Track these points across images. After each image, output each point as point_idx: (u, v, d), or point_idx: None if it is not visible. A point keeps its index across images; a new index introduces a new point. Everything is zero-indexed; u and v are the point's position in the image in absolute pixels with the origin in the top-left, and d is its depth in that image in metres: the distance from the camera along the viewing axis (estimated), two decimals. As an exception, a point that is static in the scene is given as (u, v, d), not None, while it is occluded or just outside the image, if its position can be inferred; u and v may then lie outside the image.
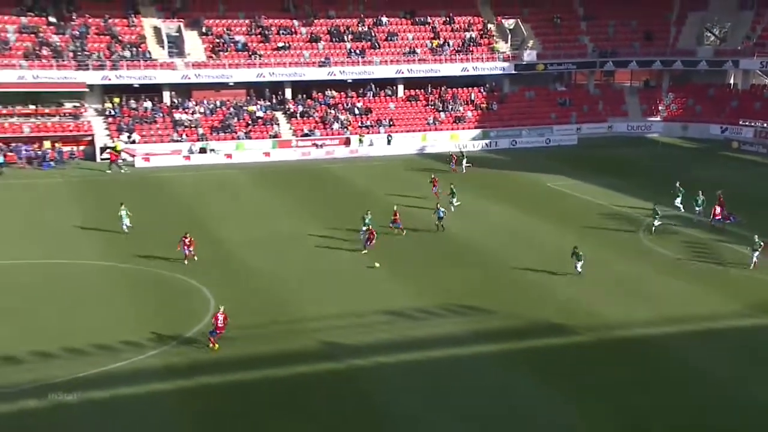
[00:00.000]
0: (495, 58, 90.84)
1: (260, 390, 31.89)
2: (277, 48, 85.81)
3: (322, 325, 37.49)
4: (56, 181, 67.97)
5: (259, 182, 67.81)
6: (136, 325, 37.47)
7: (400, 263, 46.14)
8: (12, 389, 31.50)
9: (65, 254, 47.64)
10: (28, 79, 76.46)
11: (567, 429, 29.21)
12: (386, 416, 30.02)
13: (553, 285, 42.75)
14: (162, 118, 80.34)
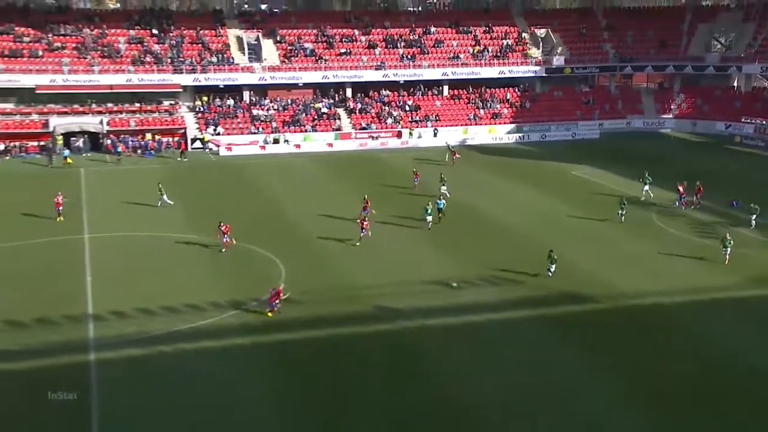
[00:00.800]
0: (528, 63, 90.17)
1: (323, 345, 32.41)
2: (339, 54, 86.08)
3: (376, 292, 37.77)
4: (155, 167, 69.17)
5: (323, 168, 68.35)
6: (219, 288, 38.08)
7: (440, 240, 46.31)
8: (119, 340, 32.41)
9: (162, 228, 48.43)
10: (134, 82, 77.93)
11: (583, 383, 29.33)
12: (428, 369, 30.39)
13: (574, 259, 42.65)
14: (242, 114, 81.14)
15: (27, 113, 75.22)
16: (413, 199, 55.26)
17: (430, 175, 60.54)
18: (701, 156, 75.22)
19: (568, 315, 35.71)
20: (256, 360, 30.96)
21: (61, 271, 40.65)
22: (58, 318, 34.51)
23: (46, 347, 31.73)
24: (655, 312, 35.81)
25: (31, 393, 28.17)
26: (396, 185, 60.59)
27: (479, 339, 32.90)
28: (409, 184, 59.48)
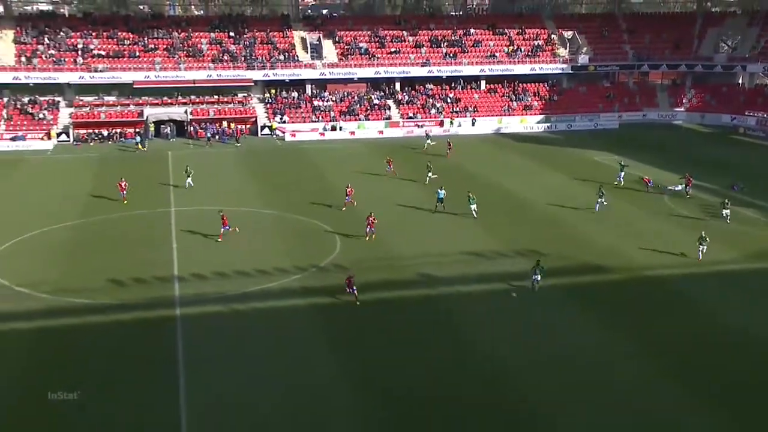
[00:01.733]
0: (556, 61, 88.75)
1: (372, 306, 32.63)
2: (390, 52, 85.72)
3: (419, 261, 37.83)
4: (230, 151, 69.92)
5: (374, 153, 68.40)
6: (284, 256, 38.52)
7: (477, 218, 46.20)
8: (199, 298, 33.09)
9: (236, 203, 48.98)
10: (213, 77, 78.66)
11: (596, 344, 29.13)
12: (463, 331, 30.52)
13: (594, 236, 42.30)
14: (305, 105, 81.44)
15: (126, 104, 76.60)
16: (451, 182, 55.17)
17: (443, 164, 60.09)
18: (708, 145, 73.63)
19: (588, 284, 35.47)
20: (314, 318, 31.39)
21: (152, 239, 41.54)
22: (150, 278, 35.33)
23: (141, 303, 32.56)
24: (667, 282, 35.39)
25: (127, 343, 28.95)
26: (439, 168, 60.42)
27: (508, 304, 32.85)
28: (444, 165, 59.21)
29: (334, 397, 25.09)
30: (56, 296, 33.08)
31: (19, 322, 30.53)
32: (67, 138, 73.11)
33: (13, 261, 37.68)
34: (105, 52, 77.97)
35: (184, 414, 23.76)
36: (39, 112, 74.34)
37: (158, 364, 27.03)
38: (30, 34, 78.36)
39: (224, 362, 27.30)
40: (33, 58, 75.72)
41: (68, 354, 27.89)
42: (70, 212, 46.63)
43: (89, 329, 30.18)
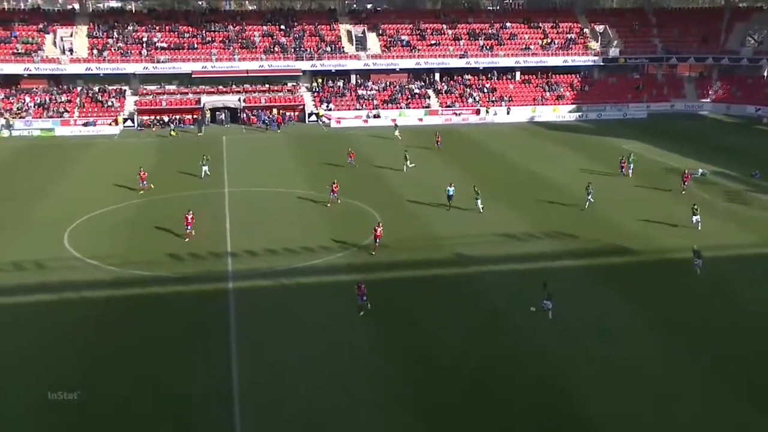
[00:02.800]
0: (588, 54, 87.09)
1: (409, 283, 32.77)
2: (430, 44, 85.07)
3: (453, 242, 37.73)
4: (280, 136, 70.37)
5: (414, 139, 68.20)
6: (329, 234, 38.68)
7: (509, 200, 45.89)
8: (251, 273, 33.46)
9: (285, 185, 49.35)
10: (265, 67, 78.93)
11: (624, 324, 28.80)
12: (494, 307, 30.45)
13: (621, 219, 41.70)
14: (349, 94, 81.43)
15: (185, 93, 77.49)
16: (487, 167, 54.93)
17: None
18: (732, 134, 71.67)
19: (615, 265, 34.98)
20: (356, 293, 31.47)
21: (208, 217, 42.11)
22: (205, 254, 35.86)
23: (196, 276, 33.12)
24: (689, 264, 34.81)
25: (183, 314, 29.52)
26: (474, 153, 60.26)
27: (538, 284, 32.58)
28: (480, 152, 58.82)
29: (372, 366, 25.26)
30: (122, 268, 33.82)
31: (90, 291, 31.34)
32: (132, 124, 74.40)
33: (84, 236, 38.61)
34: (167, 45, 78.89)
35: (236, 381, 24.14)
36: (108, 100, 75.76)
37: (211, 334, 27.44)
38: (101, 29, 79.64)
39: (272, 333, 27.60)
40: (103, 50, 77.03)
41: (131, 322, 28.53)
42: (133, 192, 47.52)
43: (150, 299, 30.78)
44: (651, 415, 22.44)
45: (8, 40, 75.55)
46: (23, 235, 38.45)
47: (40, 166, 55.83)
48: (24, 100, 73.68)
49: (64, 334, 27.37)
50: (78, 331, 27.62)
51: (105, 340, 26.97)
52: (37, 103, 73.63)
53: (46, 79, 76.83)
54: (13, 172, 54.12)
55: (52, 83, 77.13)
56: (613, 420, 22.22)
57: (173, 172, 52.40)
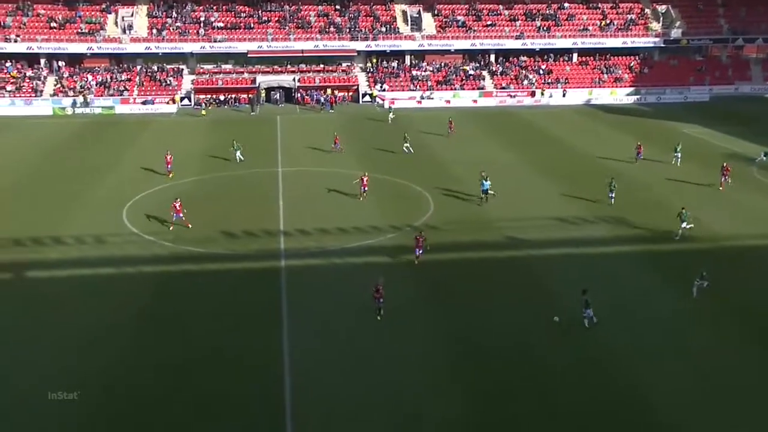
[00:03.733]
0: (648, 35, 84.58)
1: (461, 265, 32.63)
2: (486, 25, 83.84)
3: (506, 225, 37.38)
4: (333, 116, 70.62)
5: (469, 120, 67.62)
6: (381, 215, 38.72)
7: (562, 182, 45.12)
8: (302, 252, 33.80)
9: (338, 165, 49.51)
10: (320, 47, 79.02)
11: (675, 309, 28.20)
12: (549, 290, 30.11)
13: (678, 204, 40.53)
14: (403, 74, 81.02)
15: (240, 72, 78.34)
16: (540, 148, 54.16)
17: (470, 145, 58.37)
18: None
19: (670, 252, 34.13)
20: (406, 273, 31.55)
21: (261, 195, 42.62)
22: (258, 231, 36.35)
23: (249, 254, 33.62)
24: (746, 252, 33.71)
25: (236, 290, 30.03)
26: (528, 135, 59.46)
27: (591, 268, 32.11)
28: (535, 135, 57.98)
29: (424, 346, 25.31)
30: (177, 244, 34.56)
31: (147, 266, 32.14)
32: (189, 102, 75.67)
33: (143, 211, 39.55)
34: (224, 24, 79.71)
35: (287, 357, 24.47)
36: (166, 79, 77.16)
37: (263, 311, 27.83)
38: (161, 9, 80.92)
39: (323, 312, 27.84)
40: (162, 30, 78.35)
41: (185, 297, 29.19)
42: (190, 169, 48.40)
43: (204, 275, 31.42)
44: (710, 404, 21.93)
45: (73, 20, 77.46)
46: (85, 211, 39.64)
47: (101, 144, 57.33)
48: (86, 78, 75.63)
49: (122, 304, 28.17)
50: (135, 302, 28.39)
51: (161, 311, 27.66)
52: (98, 81, 75.49)
53: (108, 58, 78.58)
54: (76, 149, 55.73)
55: (113, 62, 78.87)
56: (673, 410, 21.78)
57: (227, 150, 53.10)
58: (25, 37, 75.00)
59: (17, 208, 40.29)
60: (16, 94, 73.06)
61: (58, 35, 75.89)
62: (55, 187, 44.32)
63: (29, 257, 33.07)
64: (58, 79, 75.40)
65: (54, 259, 32.93)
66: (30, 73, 75.60)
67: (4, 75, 74.84)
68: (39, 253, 33.52)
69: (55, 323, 26.78)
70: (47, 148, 55.55)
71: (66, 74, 76.18)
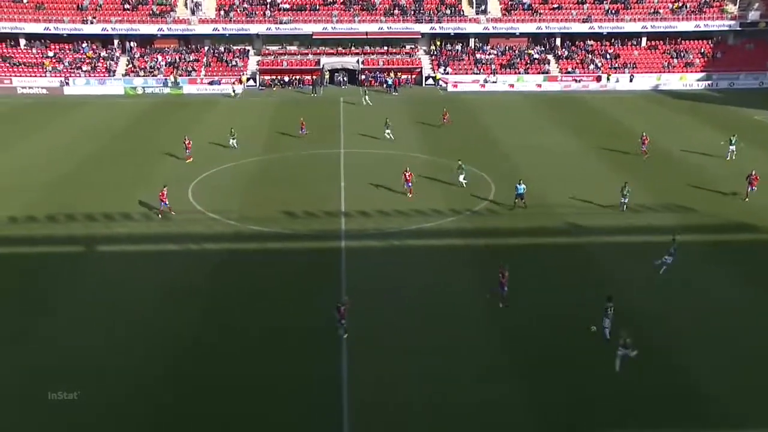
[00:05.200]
0: (723, 18, 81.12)
1: (520, 251, 32.05)
2: (552, 8, 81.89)
3: (566, 210, 36.70)
4: (397, 98, 70.33)
5: (532, 105, 66.47)
6: (441, 199, 38.49)
7: (627, 169, 43.84)
8: (362, 233, 33.83)
9: (400, 148, 49.22)
10: (384, 29, 78.69)
11: (738, 299, 27.22)
12: (607, 277, 29.31)
13: (743, 193, 39.01)
14: (467, 58, 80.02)
15: (305, 54, 78.76)
16: (605, 134, 52.76)
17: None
18: None
19: (733, 242, 32.89)
20: (465, 256, 31.36)
21: (323, 177, 42.83)
22: (319, 212, 36.58)
23: (310, 234, 33.88)
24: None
25: (296, 269, 30.29)
26: (594, 122, 57.98)
27: (650, 256, 31.14)
28: (599, 120, 56.44)
29: (481, 332, 25.05)
30: (240, 223, 35.09)
31: (211, 243, 32.75)
32: (254, 83, 76.57)
33: (207, 190, 40.32)
34: (289, 6, 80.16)
35: (345, 340, 24.60)
36: (232, 60, 78.21)
37: (323, 292, 27.94)
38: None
39: (382, 293, 27.83)
40: (230, 11, 79.34)
41: (247, 274, 29.62)
42: (254, 149, 49.03)
43: (265, 254, 31.83)
44: None
45: (145, 1, 79.14)
46: (152, 188, 40.56)
47: (169, 123, 58.57)
48: (156, 59, 77.32)
49: (187, 280, 28.80)
50: (199, 278, 28.98)
51: (222, 290, 28.14)
52: (168, 62, 77.08)
53: (177, 39, 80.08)
54: (145, 127, 57.13)
55: (181, 43, 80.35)
56: (736, 399, 21.04)
57: (292, 132, 53.53)
58: (101, 18, 77.11)
59: (90, 183, 41.57)
60: (91, 73, 75.32)
61: (130, 17, 77.74)
62: (125, 164, 45.54)
63: (100, 231, 34.09)
64: (130, 59, 77.33)
65: (124, 234, 33.85)
66: (104, 54, 77.75)
67: (80, 55, 77.20)
68: (109, 228, 34.53)
69: (118, 297, 27.58)
70: (118, 126, 57.12)
71: (137, 55, 78.06)
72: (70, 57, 76.87)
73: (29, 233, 33.92)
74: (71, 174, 43.48)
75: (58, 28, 76.47)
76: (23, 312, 26.26)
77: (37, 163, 45.99)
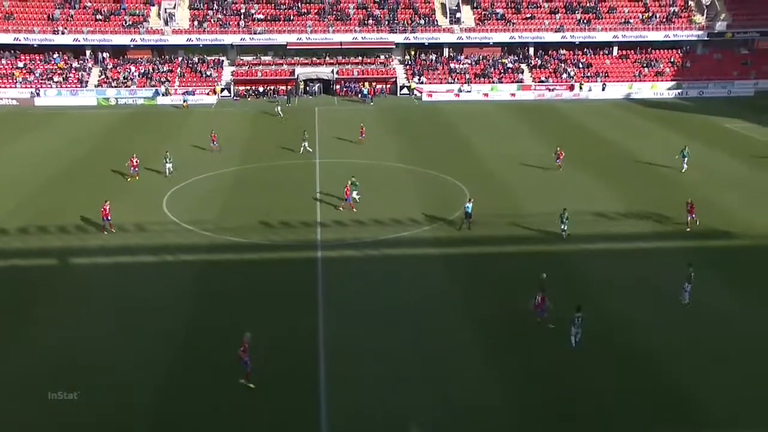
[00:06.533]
0: (692, 28, 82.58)
1: (497, 260, 32.31)
2: (525, 18, 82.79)
3: (542, 219, 36.74)
4: (371, 108, 70.53)
5: (506, 114, 66.97)
6: (416, 207, 38.59)
7: (601, 177, 44.38)
8: (339, 243, 33.79)
9: (376, 157, 49.48)
10: (358, 39, 78.90)
11: (716, 298, 27.61)
12: (585, 283, 29.65)
13: (717, 200, 39.64)
14: (441, 67, 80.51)
15: (280, 64, 78.68)
16: (578, 142, 53.29)
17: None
18: None
19: (711, 248, 33.33)
20: (441, 266, 31.41)
21: (298, 186, 42.74)
22: (295, 222, 36.46)
23: (286, 244, 33.77)
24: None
25: (274, 279, 30.15)
26: (564, 130, 58.58)
27: (630, 264, 31.52)
28: (572, 128, 57.02)
29: (459, 337, 25.09)
30: (216, 234, 34.86)
31: (187, 255, 32.48)
32: (228, 94, 76.28)
33: (182, 201, 40.01)
34: (264, 16, 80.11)
35: (322, 347, 24.48)
36: (206, 71, 77.88)
37: (299, 301, 27.92)
38: (202, 1, 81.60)
39: (358, 302, 27.83)
40: (203, 22, 79.05)
41: (224, 285, 29.41)
42: (229, 160, 48.78)
43: (242, 265, 31.67)
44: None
45: (117, 12, 78.59)
46: (127, 199, 40.20)
47: (143, 134, 58.07)
48: (130, 69, 76.73)
49: (164, 290, 28.53)
50: (176, 292, 28.72)
51: (201, 301, 27.91)
52: (141, 72, 76.53)
53: (150, 50, 79.56)
54: (119, 138, 56.54)
55: (155, 53, 79.84)
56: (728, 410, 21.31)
57: (267, 142, 53.44)
58: (72, 29, 76.40)
59: (63, 196, 41.03)
60: (63, 84, 74.54)
61: (103, 27, 77.13)
62: (98, 176, 45.03)
63: (73, 244, 33.64)
64: (103, 70, 76.66)
65: (96, 246, 33.43)
66: (76, 65, 77.01)
67: (51, 66, 76.38)
68: (83, 240, 34.09)
69: (93, 311, 27.22)
70: (92, 137, 56.51)
71: (110, 65, 77.41)
72: (41, 68, 76.03)
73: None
74: (44, 186, 42.90)
75: (28, 38, 75.67)
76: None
77: (12, 172, 45.40)
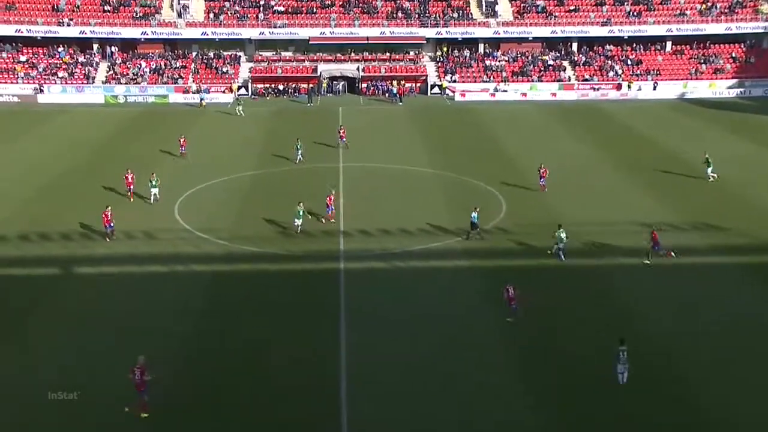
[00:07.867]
0: (758, 19, 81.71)
1: (532, 273, 32.33)
2: (569, 10, 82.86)
3: (582, 229, 36.47)
4: (400, 109, 70.92)
5: (546, 116, 66.92)
6: (448, 216, 38.79)
7: (651, 186, 44.26)
8: (363, 254, 34.17)
9: (405, 161, 49.85)
10: (386, 34, 79.55)
11: None
12: (623, 304, 29.58)
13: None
14: (476, 64, 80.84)
15: (301, 60, 79.59)
16: (627, 147, 53.21)
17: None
18: None
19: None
20: (472, 279, 31.62)
21: (321, 193, 43.12)
22: (316, 231, 36.86)
23: (306, 254, 34.19)
24: None
25: (292, 292, 30.59)
26: (612, 133, 58.46)
27: (671, 278, 31.44)
28: (621, 131, 56.74)
29: (488, 355, 25.33)
30: (232, 243, 35.41)
31: (201, 265, 33.08)
32: (246, 92, 77.19)
33: (195, 207, 40.69)
34: (284, 9, 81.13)
35: (344, 361, 24.87)
36: (222, 67, 79.01)
37: (320, 315, 28.30)
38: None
39: (383, 318, 28.12)
40: (220, 14, 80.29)
41: (240, 297, 29.92)
42: (245, 163, 49.49)
43: (259, 276, 32.15)
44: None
45: (127, 3, 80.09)
46: (135, 205, 40.97)
47: (153, 135, 59.06)
48: (140, 65, 78.12)
49: (175, 303, 29.12)
50: (189, 304, 29.29)
51: (214, 313, 28.43)
52: (152, 68, 77.87)
53: (162, 44, 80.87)
54: (129, 139, 57.64)
55: (167, 48, 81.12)
56: None
57: (285, 145, 53.99)
58: (78, 20, 77.99)
59: (66, 201, 41.93)
60: (68, 80, 76.05)
61: (111, 19, 78.59)
62: (105, 180, 45.84)
63: (77, 252, 34.41)
64: (111, 65, 78.12)
65: (101, 254, 34.15)
66: (82, 59, 78.56)
67: (56, 60, 78.00)
68: (87, 249, 34.85)
69: (96, 324, 27.90)
70: (98, 138, 57.65)
71: (119, 60, 78.88)
72: (44, 62, 77.68)
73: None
74: (46, 188, 43.91)
75: (31, 30, 77.27)
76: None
77: (9, 176, 46.50)
